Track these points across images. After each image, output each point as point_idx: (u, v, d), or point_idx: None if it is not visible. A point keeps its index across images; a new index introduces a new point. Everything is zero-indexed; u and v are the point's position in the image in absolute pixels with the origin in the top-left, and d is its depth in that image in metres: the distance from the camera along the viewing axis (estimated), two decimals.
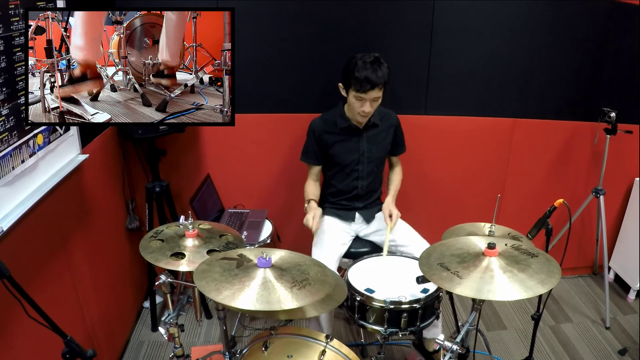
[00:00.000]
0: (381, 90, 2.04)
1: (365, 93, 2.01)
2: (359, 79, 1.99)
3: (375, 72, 1.99)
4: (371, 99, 2.04)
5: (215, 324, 2.68)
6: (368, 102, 2.05)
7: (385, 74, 2.03)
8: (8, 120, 1.39)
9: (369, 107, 2.06)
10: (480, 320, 1.66)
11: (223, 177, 2.66)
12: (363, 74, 1.99)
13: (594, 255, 3.17)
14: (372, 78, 1.99)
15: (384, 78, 2.02)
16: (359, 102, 2.06)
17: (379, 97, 2.07)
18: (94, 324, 2.04)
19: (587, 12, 2.54)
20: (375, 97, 2.04)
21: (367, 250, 2.28)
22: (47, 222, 1.69)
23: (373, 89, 2.01)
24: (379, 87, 2.02)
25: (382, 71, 2.01)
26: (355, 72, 2.00)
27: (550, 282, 1.37)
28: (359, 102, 2.06)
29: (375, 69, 1.99)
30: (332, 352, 1.57)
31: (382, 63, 2.03)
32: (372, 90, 2.01)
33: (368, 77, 1.98)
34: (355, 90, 2.03)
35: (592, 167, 2.88)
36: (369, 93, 2.01)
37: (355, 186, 2.29)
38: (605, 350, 2.53)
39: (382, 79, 2.01)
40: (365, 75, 1.98)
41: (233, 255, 1.49)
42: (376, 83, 1.99)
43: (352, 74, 2.01)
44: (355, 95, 2.04)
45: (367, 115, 2.12)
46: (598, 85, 2.72)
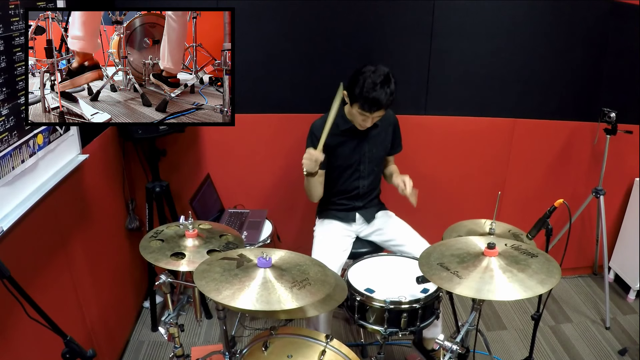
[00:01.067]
0: (386, 108, 2.01)
1: (370, 113, 1.98)
2: (367, 99, 1.93)
3: (384, 94, 1.93)
4: (375, 117, 2.02)
5: (215, 324, 2.68)
6: (370, 119, 2.02)
7: (394, 91, 1.96)
8: (8, 120, 1.39)
9: (370, 122, 2.04)
10: (480, 320, 1.66)
11: (223, 177, 2.66)
12: (372, 95, 1.92)
13: (594, 255, 3.17)
14: (380, 100, 1.93)
15: (391, 98, 1.96)
16: (361, 117, 2.02)
17: (382, 115, 2.04)
18: (94, 324, 2.04)
19: (587, 12, 2.54)
20: (380, 115, 2.02)
21: (368, 250, 2.27)
22: (47, 222, 1.69)
23: (379, 110, 1.98)
24: (384, 108, 1.99)
25: (390, 89, 1.94)
26: (364, 92, 1.93)
27: (550, 282, 1.37)
28: (361, 117, 2.02)
29: (385, 90, 1.93)
30: (332, 352, 1.57)
31: (391, 80, 1.96)
32: (378, 111, 1.98)
33: (376, 99, 1.92)
34: (360, 108, 1.98)
35: (592, 167, 2.88)
36: (373, 113, 1.98)
37: (356, 186, 2.29)
38: (605, 350, 2.53)
39: (390, 100, 1.96)
40: (374, 96, 1.92)
41: (233, 255, 1.49)
42: (384, 105, 1.96)
43: (361, 93, 1.94)
44: (360, 112, 2.00)
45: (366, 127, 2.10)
46: (598, 85, 2.71)
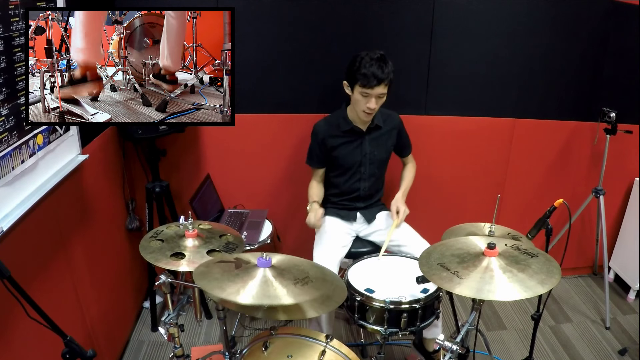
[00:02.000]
0: (387, 86, 2.06)
1: (371, 89, 2.03)
2: (365, 74, 2.01)
3: (381, 68, 2.02)
4: (377, 95, 2.05)
5: (215, 324, 2.68)
6: (374, 99, 2.05)
7: (391, 71, 2.05)
8: (8, 120, 1.39)
9: (375, 103, 2.07)
10: (480, 320, 1.66)
11: (223, 177, 2.66)
12: (370, 70, 2.01)
13: (594, 255, 3.17)
14: (378, 74, 2.01)
15: (389, 74, 2.04)
16: (365, 98, 2.06)
17: (384, 94, 2.08)
18: (94, 324, 2.04)
19: (587, 12, 2.54)
20: (381, 93, 2.05)
21: (367, 250, 2.27)
22: (47, 222, 1.69)
23: (379, 85, 2.02)
24: (385, 82, 2.03)
25: (387, 68, 2.04)
26: (362, 68, 2.02)
27: (550, 282, 1.37)
28: (365, 98, 2.06)
29: (381, 66, 2.02)
30: (332, 352, 1.57)
31: (387, 61, 2.05)
32: (379, 85, 2.02)
33: (374, 73, 2.01)
34: (361, 86, 2.04)
35: (592, 167, 2.88)
36: (375, 89, 2.03)
37: (357, 187, 2.29)
38: (605, 350, 2.53)
39: (388, 74, 2.03)
40: (372, 71, 2.01)
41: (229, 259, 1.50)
42: (382, 78, 2.02)
43: (359, 70, 2.03)
44: (362, 91, 2.05)
45: (372, 112, 2.12)
46: (598, 85, 2.71)
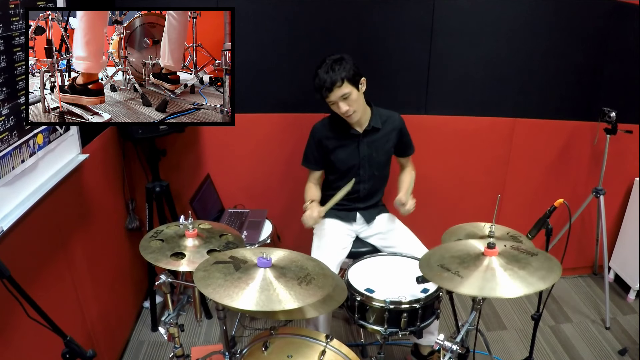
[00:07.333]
0: (345, 86, 1.94)
1: (327, 96, 1.97)
2: (317, 85, 1.97)
3: (332, 70, 1.92)
4: (339, 99, 1.97)
5: (215, 324, 2.68)
6: (340, 102, 1.98)
7: (346, 67, 1.93)
8: (8, 120, 1.39)
9: (345, 106, 1.99)
10: (480, 320, 1.66)
11: (223, 177, 2.66)
12: (320, 79, 1.94)
13: (594, 255, 3.17)
14: (326, 78, 1.92)
15: (342, 72, 1.92)
16: (333, 106, 2.01)
17: (349, 93, 1.96)
18: (94, 324, 2.04)
19: (587, 12, 2.54)
20: (343, 94, 1.96)
21: (367, 250, 2.27)
22: (47, 222, 1.69)
23: (333, 88, 1.94)
24: (339, 83, 1.93)
25: (340, 66, 1.92)
26: (315, 79, 1.97)
27: (551, 277, 1.36)
28: (333, 106, 2.01)
29: (332, 67, 1.93)
30: (332, 352, 1.57)
31: (342, 60, 1.94)
32: (333, 90, 1.94)
33: (323, 80, 1.93)
34: (321, 97, 1.99)
35: (592, 167, 2.88)
36: (332, 93, 1.95)
37: (357, 189, 2.26)
38: (605, 350, 2.53)
39: (337, 75, 1.92)
40: (321, 78, 1.94)
41: (233, 256, 1.49)
42: (334, 80, 1.92)
43: (314, 82, 1.98)
44: (327, 102, 2.00)
45: (352, 114, 2.03)
46: (598, 85, 2.72)
